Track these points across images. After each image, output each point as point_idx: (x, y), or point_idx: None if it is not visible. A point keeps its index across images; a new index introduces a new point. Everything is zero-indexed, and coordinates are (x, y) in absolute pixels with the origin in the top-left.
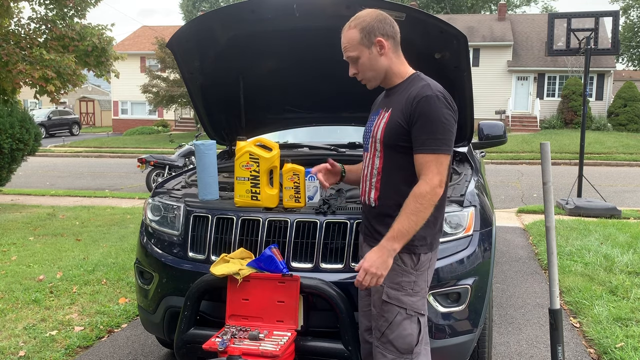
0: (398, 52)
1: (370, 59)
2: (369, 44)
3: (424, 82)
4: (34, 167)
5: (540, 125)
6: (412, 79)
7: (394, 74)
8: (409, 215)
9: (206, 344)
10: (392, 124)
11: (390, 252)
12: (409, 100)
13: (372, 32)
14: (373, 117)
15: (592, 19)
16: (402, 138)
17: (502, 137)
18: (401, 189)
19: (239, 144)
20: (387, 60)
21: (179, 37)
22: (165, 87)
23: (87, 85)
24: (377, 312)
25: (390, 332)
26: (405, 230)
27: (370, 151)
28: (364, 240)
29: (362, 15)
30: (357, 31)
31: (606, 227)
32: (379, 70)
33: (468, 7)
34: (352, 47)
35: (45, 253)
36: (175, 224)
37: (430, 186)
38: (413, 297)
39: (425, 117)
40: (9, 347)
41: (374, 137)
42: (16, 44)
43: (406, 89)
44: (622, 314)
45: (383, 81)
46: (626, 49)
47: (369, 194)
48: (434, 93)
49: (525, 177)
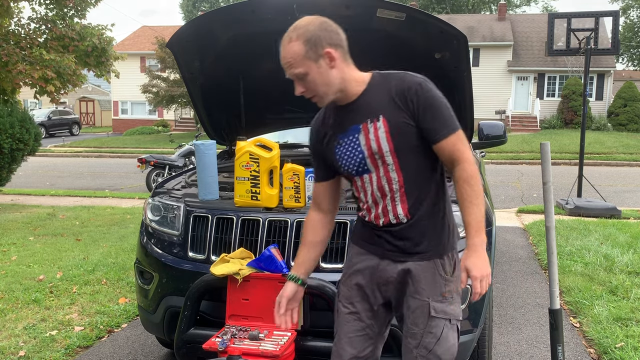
0: (348, 60)
1: (320, 73)
2: (316, 57)
3: (399, 74)
4: (34, 167)
5: (540, 125)
6: (378, 78)
7: (351, 83)
8: (474, 201)
9: (206, 344)
10: (397, 128)
11: (483, 245)
12: (401, 94)
13: (319, 43)
14: (351, 137)
15: (592, 19)
16: (413, 138)
17: (502, 137)
18: (430, 190)
19: (239, 144)
20: (338, 72)
21: (179, 37)
22: (165, 87)
23: (87, 85)
24: (422, 329)
25: (439, 348)
26: (481, 217)
27: (377, 170)
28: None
29: (303, 24)
30: (301, 44)
31: (606, 227)
32: (332, 85)
33: (468, 8)
34: (297, 62)
35: (45, 253)
36: (175, 223)
37: (472, 163)
38: (453, 305)
39: (429, 104)
40: (9, 347)
41: (375, 153)
42: (16, 44)
43: (383, 89)
44: (622, 314)
45: (339, 94)
46: (626, 49)
47: (394, 212)
48: (420, 78)
49: (525, 177)
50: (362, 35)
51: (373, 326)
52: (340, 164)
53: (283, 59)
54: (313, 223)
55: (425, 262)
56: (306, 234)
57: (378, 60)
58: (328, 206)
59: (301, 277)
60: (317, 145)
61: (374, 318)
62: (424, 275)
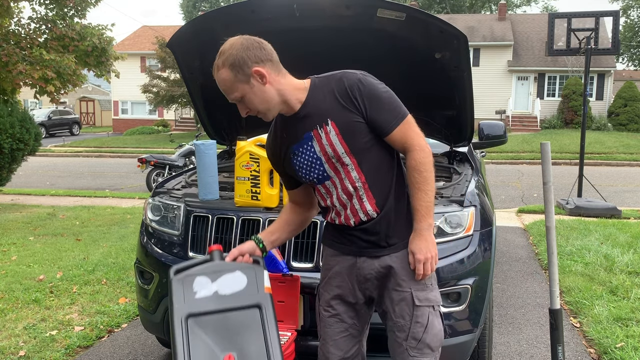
0: (282, 71)
1: (255, 92)
2: (246, 79)
3: (337, 74)
4: (34, 167)
5: (540, 125)
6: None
7: (291, 93)
8: (422, 187)
9: None
10: (347, 128)
11: (429, 229)
12: (344, 93)
13: (244, 65)
14: (306, 145)
15: (593, 18)
16: (364, 134)
17: (503, 137)
18: (392, 180)
19: (239, 144)
20: (274, 87)
21: (179, 37)
22: (165, 87)
23: (87, 85)
24: (409, 320)
25: (427, 335)
26: (428, 202)
27: (337, 173)
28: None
29: (226, 49)
30: (228, 70)
31: (606, 227)
32: (271, 100)
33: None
34: (230, 88)
35: (45, 253)
36: (175, 223)
37: (422, 149)
38: (434, 291)
39: (373, 98)
40: (9, 347)
41: (332, 157)
42: (16, 44)
43: (325, 92)
44: (623, 313)
45: (283, 107)
46: (626, 49)
47: (363, 209)
48: (358, 74)
49: (526, 177)
50: (362, 35)
51: (356, 325)
52: (301, 174)
53: (219, 86)
54: (289, 208)
55: (401, 252)
56: (281, 214)
57: (378, 60)
58: (303, 202)
59: (264, 243)
60: (276, 161)
61: (356, 317)
62: (402, 266)
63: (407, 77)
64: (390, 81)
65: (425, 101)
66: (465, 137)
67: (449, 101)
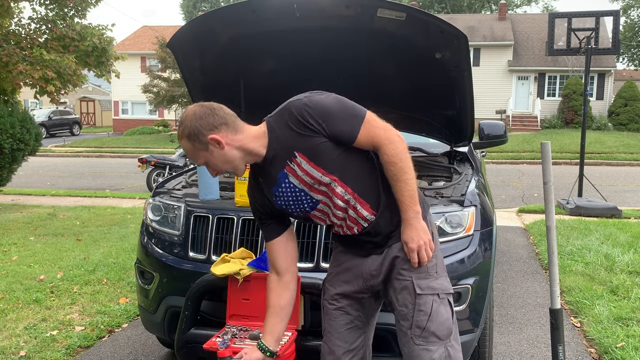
0: (238, 127)
1: (216, 156)
2: (205, 146)
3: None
4: (35, 167)
5: (540, 124)
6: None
7: (252, 144)
8: (401, 177)
9: (207, 344)
10: (315, 152)
11: (416, 217)
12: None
13: (200, 134)
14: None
15: (593, 18)
16: (333, 149)
17: (503, 136)
18: (377, 177)
19: None
20: (233, 146)
21: (179, 37)
22: (165, 87)
23: (88, 85)
24: (412, 309)
25: (432, 324)
26: (410, 191)
27: (326, 194)
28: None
29: (183, 120)
30: (187, 141)
31: (607, 227)
32: (234, 159)
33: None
34: (194, 156)
35: (45, 253)
36: (175, 223)
37: (390, 141)
38: (439, 280)
39: (326, 114)
40: (10, 347)
41: (315, 184)
42: (16, 44)
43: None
44: (623, 313)
45: (249, 158)
46: (626, 49)
47: (361, 217)
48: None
49: (526, 176)
50: (362, 35)
51: (361, 317)
52: (291, 211)
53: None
54: (273, 286)
55: (398, 242)
56: (269, 298)
57: (378, 60)
58: (284, 266)
59: (270, 348)
60: (260, 209)
61: (361, 309)
62: (403, 255)
63: (407, 77)
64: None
65: (425, 101)
66: (466, 137)
67: (449, 101)
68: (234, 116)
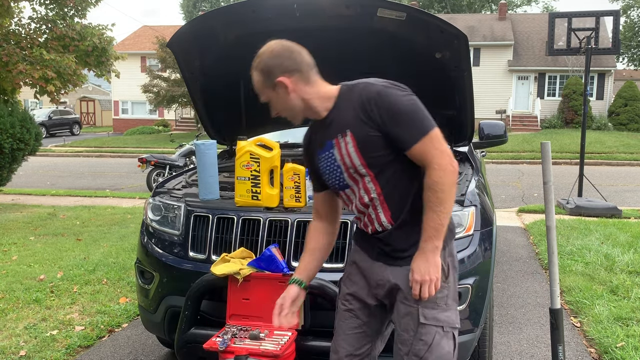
0: (311, 80)
1: (280, 99)
2: (272, 86)
3: (361, 84)
4: (35, 166)
5: (540, 124)
6: (344, 91)
7: (316, 101)
8: (435, 208)
9: (207, 344)
10: (363, 142)
11: (434, 251)
12: (362, 107)
13: (271, 73)
14: (328, 152)
15: (593, 18)
16: (381, 148)
17: (503, 136)
18: (410, 194)
19: (239, 144)
20: (298, 95)
21: (179, 37)
22: (165, 87)
23: (88, 85)
24: (412, 336)
25: (431, 355)
26: (438, 224)
27: (356, 182)
28: (375, 259)
29: (260, 53)
30: (259, 74)
31: (607, 227)
32: (295, 108)
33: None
34: (259, 90)
35: (45, 253)
36: (175, 223)
37: (441, 169)
38: (447, 312)
39: (391, 112)
40: (10, 347)
41: (350, 167)
42: (16, 44)
43: (348, 102)
44: (623, 313)
45: (308, 113)
46: (626, 49)
47: (378, 220)
48: (379, 86)
49: (526, 176)
50: (362, 35)
51: (370, 324)
52: (325, 179)
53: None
54: (313, 230)
55: (407, 268)
56: (308, 241)
57: (378, 59)
58: (327, 214)
59: (304, 281)
60: (308, 160)
61: (370, 316)
62: (404, 286)
63: (407, 77)
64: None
65: (425, 101)
66: (466, 136)
67: (449, 101)
68: (310, 66)
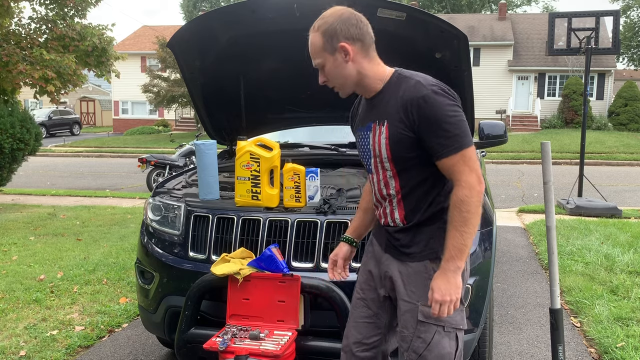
0: (370, 55)
1: (336, 66)
2: (332, 50)
3: (413, 80)
4: (35, 166)
5: (540, 124)
6: (395, 78)
7: (369, 79)
8: (459, 227)
9: (207, 344)
10: (395, 138)
11: (455, 272)
12: (404, 105)
13: (335, 37)
14: (365, 133)
15: (593, 18)
16: (412, 149)
17: (503, 136)
18: (428, 199)
19: (239, 144)
20: (355, 66)
21: (179, 37)
22: (165, 87)
23: (88, 85)
24: (412, 333)
25: (429, 353)
26: (461, 245)
27: (378, 173)
28: (385, 251)
29: (326, 15)
30: (320, 35)
31: (607, 227)
32: (348, 78)
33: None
34: (315, 53)
35: (45, 253)
36: (175, 223)
37: (469, 188)
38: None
39: (431, 120)
40: (10, 347)
41: (377, 156)
42: (16, 44)
43: (394, 92)
44: (623, 313)
45: (358, 88)
46: (626, 49)
47: (391, 215)
48: (429, 89)
49: (526, 176)
50: None
51: (380, 316)
52: (359, 154)
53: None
54: (367, 189)
55: (416, 263)
56: (362, 200)
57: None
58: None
59: (355, 239)
60: (353, 129)
61: (381, 308)
62: (415, 277)
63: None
64: None
65: None
66: None
67: None
68: (373, 40)
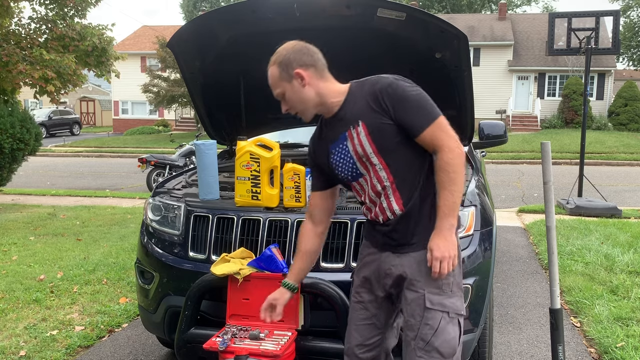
0: (325, 76)
1: (295, 91)
2: (289, 78)
3: (372, 78)
4: (35, 166)
5: (540, 124)
6: (354, 86)
7: (328, 97)
8: (448, 187)
9: (207, 344)
10: (374, 129)
11: (449, 229)
12: (374, 96)
13: (290, 65)
14: (341, 144)
15: (593, 18)
16: (393, 135)
17: (503, 136)
18: (421, 180)
19: (239, 144)
20: (312, 89)
21: (179, 37)
22: (165, 87)
23: (88, 85)
24: (419, 321)
25: (436, 339)
26: (452, 202)
27: (367, 172)
28: (382, 250)
29: (280, 50)
30: (277, 67)
31: (607, 227)
32: (309, 101)
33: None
34: (275, 84)
35: (45, 253)
36: (175, 223)
37: (451, 150)
38: (452, 298)
39: (402, 101)
40: (10, 347)
41: (362, 156)
42: (16, 44)
43: (359, 95)
44: (623, 313)
45: (321, 108)
46: (626, 49)
47: (390, 208)
48: (391, 78)
49: (526, 176)
50: (362, 35)
51: (379, 316)
52: (337, 172)
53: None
54: (305, 232)
55: (418, 252)
56: (299, 243)
57: (378, 59)
58: (320, 217)
59: (297, 286)
60: (315, 158)
61: (379, 309)
62: (419, 266)
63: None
64: None
65: None
66: (466, 136)
67: (449, 101)
68: (324, 65)
